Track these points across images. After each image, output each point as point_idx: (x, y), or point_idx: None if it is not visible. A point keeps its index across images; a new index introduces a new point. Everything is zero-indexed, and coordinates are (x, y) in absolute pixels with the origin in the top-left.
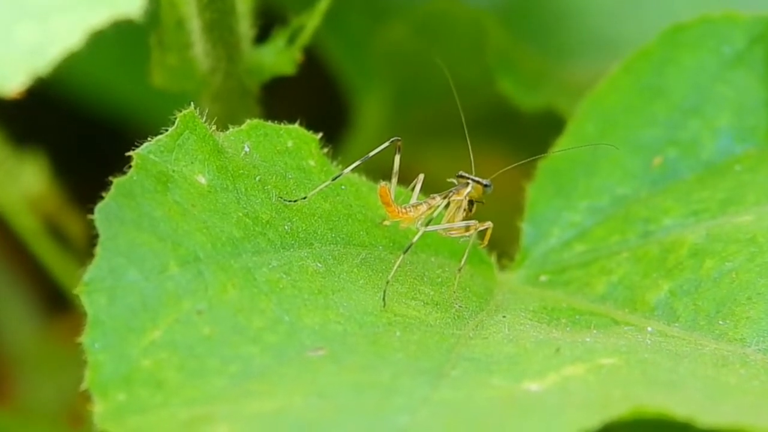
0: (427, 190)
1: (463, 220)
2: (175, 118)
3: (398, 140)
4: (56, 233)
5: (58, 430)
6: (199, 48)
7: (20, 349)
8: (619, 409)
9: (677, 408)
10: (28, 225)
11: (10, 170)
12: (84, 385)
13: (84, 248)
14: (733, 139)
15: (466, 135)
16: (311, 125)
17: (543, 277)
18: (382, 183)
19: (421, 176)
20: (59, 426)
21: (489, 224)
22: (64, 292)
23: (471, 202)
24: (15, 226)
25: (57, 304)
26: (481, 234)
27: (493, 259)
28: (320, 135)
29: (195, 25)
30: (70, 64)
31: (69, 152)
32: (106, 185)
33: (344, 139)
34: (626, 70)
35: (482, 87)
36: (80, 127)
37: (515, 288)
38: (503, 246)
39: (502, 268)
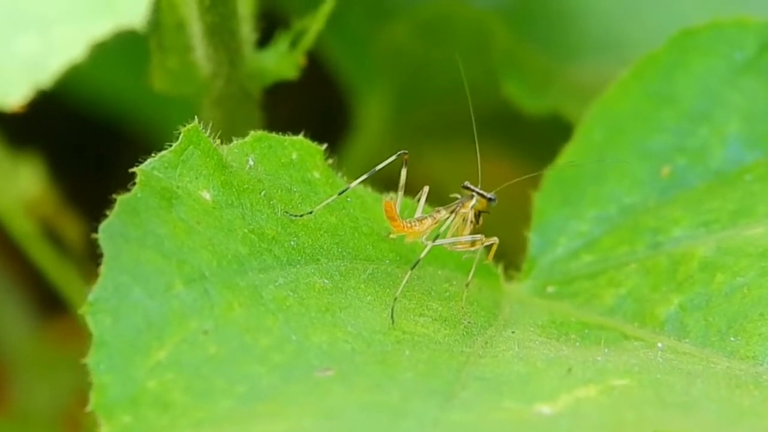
0: (430, 195)
1: (471, 232)
2: (179, 133)
3: (405, 154)
4: (53, 236)
5: None
6: (200, 52)
7: (15, 353)
8: None
9: None
10: (24, 228)
11: (6, 172)
12: (89, 407)
13: (81, 252)
14: (742, 147)
15: (476, 139)
16: (312, 128)
17: (550, 288)
18: (387, 197)
19: (426, 188)
20: (54, 430)
21: (495, 240)
22: (59, 295)
23: (478, 214)
24: (11, 228)
25: (53, 307)
26: (486, 249)
27: (499, 269)
28: (325, 146)
29: (196, 28)
30: (68, 68)
31: (66, 154)
32: (103, 188)
33: (346, 142)
34: (634, 75)
35: (486, 89)
36: (77, 129)
37: (523, 299)
38: (510, 256)
39: (509, 278)
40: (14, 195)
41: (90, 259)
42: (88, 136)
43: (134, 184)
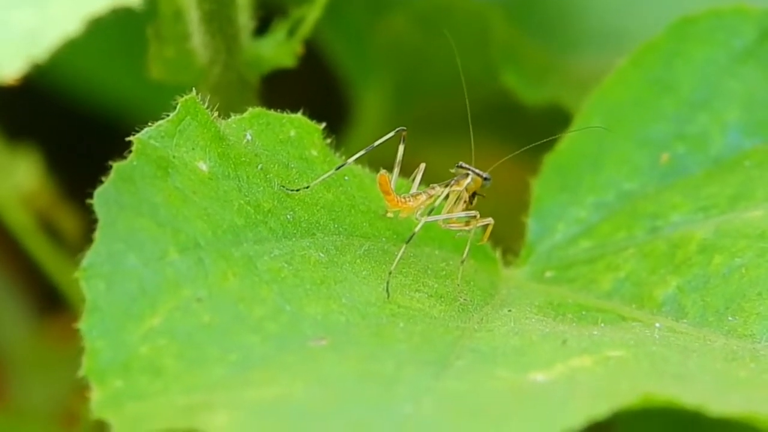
0: (427, 183)
1: (464, 210)
2: (177, 104)
3: (403, 130)
4: (50, 230)
5: (52, 430)
6: (198, 40)
7: (13, 349)
8: (627, 398)
9: (687, 397)
10: (21, 221)
11: (3, 166)
12: (81, 372)
13: (78, 246)
14: (742, 134)
15: (470, 129)
16: (311, 118)
17: (548, 273)
18: (382, 171)
19: (422, 166)
20: (52, 426)
21: (490, 220)
22: (57, 290)
23: (472, 195)
24: (8, 222)
25: (50, 302)
26: (481, 230)
27: (497, 254)
28: (323, 125)
29: (193, 16)
30: (64, 58)
31: (63, 148)
32: (99, 181)
33: (344, 133)
34: (634, 63)
35: (485, 81)
36: (74, 122)
37: (520, 284)
38: (508, 242)
39: (507, 264)
40: (11, 188)
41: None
42: (85, 130)
43: (131, 152)
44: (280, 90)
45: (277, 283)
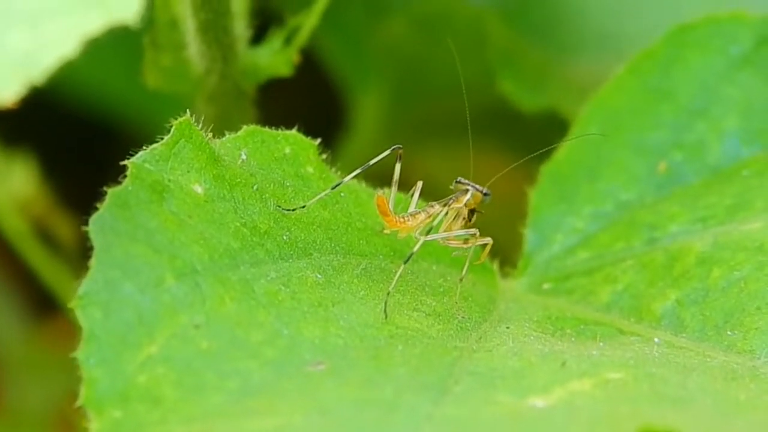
0: (426, 191)
1: (463, 228)
2: (171, 126)
3: (399, 148)
4: (45, 236)
5: None
6: (194, 49)
7: (8, 353)
8: (627, 428)
9: (687, 427)
10: (17, 227)
11: None
12: (79, 402)
13: (74, 252)
14: (740, 142)
15: (470, 137)
16: (307, 125)
17: (546, 285)
18: (380, 192)
19: (420, 183)
20: (47, 429)
21: (488, 240)
22: (52, 295)
23: (471, 211)
24: (3, 227)
25: (45, 307)
26: (480, 248)
27: (495, 266)
28: (318, 140)
29: (189, 25)
30: (61, 65)
31: (59, 154)
32: (96, 187)
33: (341, 140)
34: (631, 71)
35: (482, 86)
36: (71, 128)
37: (518, 296)
38: (505, 252)
39: (505, 275)
40: (7, 194)
41: (83, 258)
42: (81, 136)
43: (125, 177)
44: (277, 94)
45: (275, 306)
